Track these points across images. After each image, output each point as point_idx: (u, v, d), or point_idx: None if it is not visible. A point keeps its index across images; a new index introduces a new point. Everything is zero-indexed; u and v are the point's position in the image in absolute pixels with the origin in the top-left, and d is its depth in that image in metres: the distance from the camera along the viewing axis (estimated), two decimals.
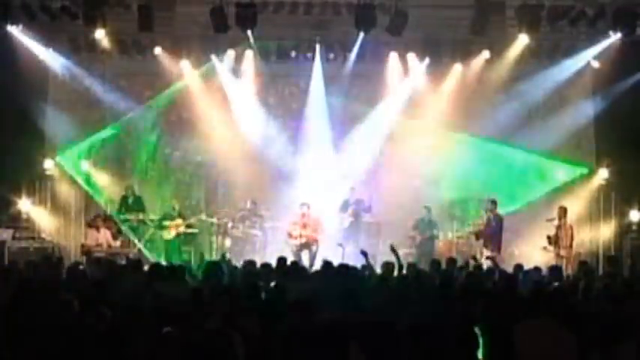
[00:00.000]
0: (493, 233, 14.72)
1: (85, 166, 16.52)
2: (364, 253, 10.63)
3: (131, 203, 15.87)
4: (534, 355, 5.51)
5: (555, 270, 10.63)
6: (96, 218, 15.30)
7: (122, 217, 15.73)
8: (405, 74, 16.57)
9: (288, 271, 10.09)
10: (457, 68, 16.45)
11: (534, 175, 16.58)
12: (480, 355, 5.30)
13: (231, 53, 16.31)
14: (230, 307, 6.33)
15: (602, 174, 16.01)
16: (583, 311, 6.66)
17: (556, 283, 9.24)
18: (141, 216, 15.84)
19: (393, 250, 10.60)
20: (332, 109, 16.83)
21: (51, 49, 15.76)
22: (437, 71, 16.51)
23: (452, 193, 16.74)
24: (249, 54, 16.32)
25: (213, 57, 16.32)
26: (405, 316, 5.96)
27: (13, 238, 14.75)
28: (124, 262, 13.14)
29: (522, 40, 15.28)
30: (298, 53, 16.31)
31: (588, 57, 15.85)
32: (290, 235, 15.26)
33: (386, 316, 5.84)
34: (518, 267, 10.95)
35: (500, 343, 5.65)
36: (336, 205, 15.91)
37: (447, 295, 7.65)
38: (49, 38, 15.56)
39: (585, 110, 16.22)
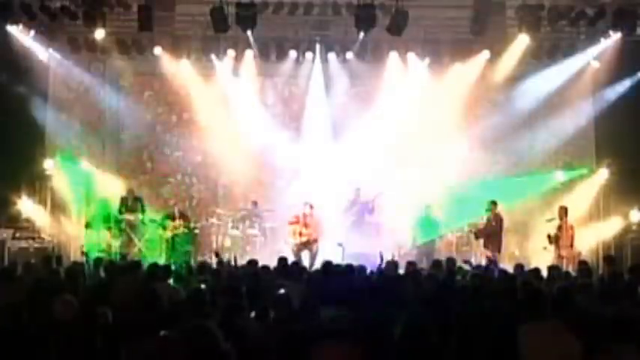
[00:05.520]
0: (493, 233, 14.73)
1: (86, 166, 16.49)
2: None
3: (131, 204, 15.87)
4: (538, 357, 5.50)
5: (555, 270, 10.63)
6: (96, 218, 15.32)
7: (122, 217, 15.72)
8: (405, 74, 16.57)
9: (288, 271, 10.09)
10: (457, 68, 16.45)
11: (535, 175, 16.58)
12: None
13: (231, 53, 16.32)
14: (230, 307, 6.33)
15: (602, 174, 15.99)
16: (583, 312, 6.65)
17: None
18: (140, 216, 15.84)
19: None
20: (332, 109, 16.83)
21: (51, 49, 15.77)
22: (437, 71, 16.50)
23: (452, 192, 16.73)
24: (249, 54, 16.32)
25: (213, 57, 16.33)
26: (404, 316, 5.96)
27: (13, 238, 14.73)
28: (123, 262, 13.13)
29: (522, 40, 15.28)
30: (298, 53, 16.32)
31: (588, 57, 15.86)
32: (291, 235, 15.24)
33: (385, 317, 5.83)
34: (519, 267, 10.96)
35: (502, 345, 5.64)
36: (339, 205, 15.93)
37: (446, 295, 7.64)
38: (49, 38, 15.57)
39: (585, 110, 16.22)
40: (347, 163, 16.49)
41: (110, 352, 5.61)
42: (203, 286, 7.68)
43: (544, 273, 10.21)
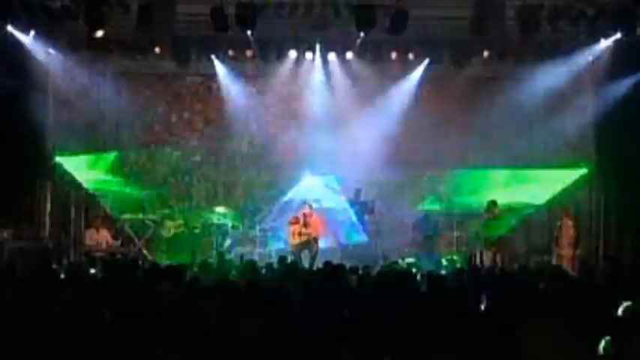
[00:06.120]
0: None
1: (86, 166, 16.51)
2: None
3: (131, 204, 15.88)
4: (539, 356, 5.50)
5: (555, 270, 10.64)
6: (95, 218, 15.32)
7: (122, 217, 15.73)
8: (404, 74, 16.56)
9: (288, 270, 10.10)
10: (457, 68, 16.43)
11: (536, 175, 16.58)
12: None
13: (231, 53, 16.32)
14: (230, 306, 6.33)
15: (602, 174, 15.99)
16: (584, 310, 6.66)
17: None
18: (140, 216, 15.85)
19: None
20: (332, 109, 16.83)
21: (51, 49, 15.77)
22: (437, 71, 16.50)
23: (452, 192, 16.75)
24: (249, 54, 16.31)
25: (213, 57, 16.33)
26: (400, 315, 5.97)
27: (13, 238, 14.73)
28: (124, 262, 13.15)
29: (522, 40, 15.26)
30: (298, 53, 16.32)
31: (588, 57, 15.85)
32: (291, 235, 15.26)
33: (382, 316, 5.84)
34: (521, 267, 10.98)
35: (502, 344, 5.65)
36: (339, 205, 15.97)
37: (442, 294, 7.66)
38: (49, 38, 15.56)
39: (585, 110, 16.20)
40: (347, 163, 16.50)
41: (110, 352, 5.60)
42: (203, 285, 7.69)
43: None
